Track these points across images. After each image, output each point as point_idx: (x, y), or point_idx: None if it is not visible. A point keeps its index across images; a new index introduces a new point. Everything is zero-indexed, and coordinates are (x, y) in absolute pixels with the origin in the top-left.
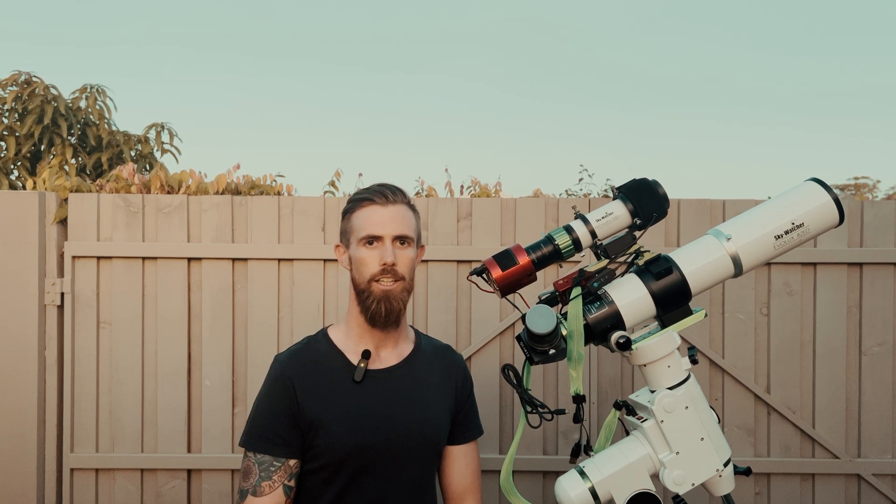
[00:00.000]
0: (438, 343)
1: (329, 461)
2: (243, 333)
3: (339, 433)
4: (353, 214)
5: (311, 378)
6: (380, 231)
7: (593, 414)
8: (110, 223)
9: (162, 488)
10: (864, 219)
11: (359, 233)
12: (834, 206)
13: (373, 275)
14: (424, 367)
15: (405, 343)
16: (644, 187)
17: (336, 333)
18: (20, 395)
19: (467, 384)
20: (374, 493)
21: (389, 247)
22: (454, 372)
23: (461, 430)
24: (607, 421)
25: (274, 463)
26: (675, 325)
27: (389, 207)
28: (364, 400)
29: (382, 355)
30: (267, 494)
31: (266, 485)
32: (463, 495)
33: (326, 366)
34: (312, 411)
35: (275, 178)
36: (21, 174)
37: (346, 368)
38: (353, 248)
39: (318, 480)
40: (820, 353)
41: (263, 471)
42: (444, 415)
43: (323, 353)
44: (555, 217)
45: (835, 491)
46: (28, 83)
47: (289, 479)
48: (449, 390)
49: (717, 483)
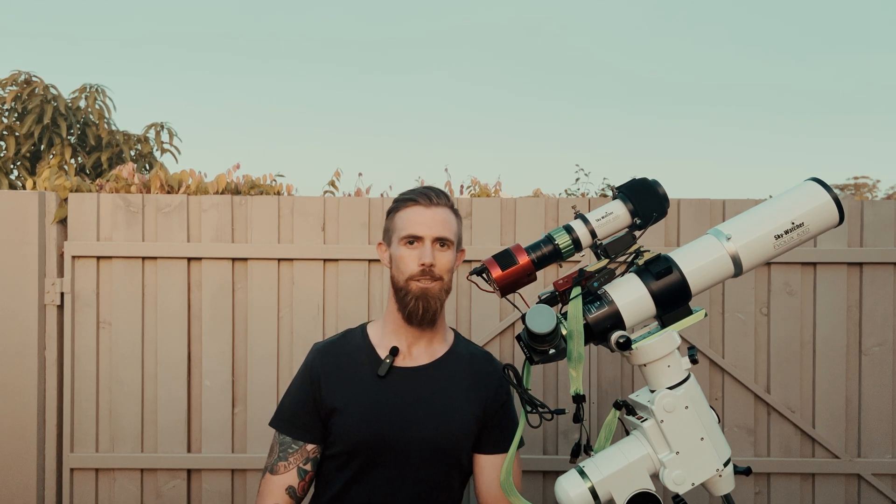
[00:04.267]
0: (477, 350)
1: (343, 448)
2: (243, 333)
3: (352, 421)
4: (397, 214)
5: (337, 368)
6: (421, 231)
7: (593, 414)
8: (110, 223)
9: (162, 488)
10: (864, 219)
11: (400, 232)
12: (834, 206)
13: (412, 274)
14: (455, 370)
15: (440, 344)
16: (644, 187)
17: (373, 329)
18: (20, 395)
19: (501, 394)
20: (383, 486)
21: (429, 248)
22: (487, 381)
23: (490, 440)
24: (607, 421)
25: (293, 445)
26: (675, 324)
27: (432, 209)
28: (383, 394)
29: (414, 353)
30: (281, 474)
31: (282, 465)
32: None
33: (355, 358)
34: (332, 399)
35: (275, 177)
36: (21, 174)
37: (373, 362)
38: (394, 246)
39: (333, 466)
40: (820, 353)
41: (282, 451)
42: (467, 421)
43: (355, 345)
44: (555, 217)
45: (835, 491)
46: (28, 83)
47: (304, 462)
48: (478, 398)
49: (717, 483)
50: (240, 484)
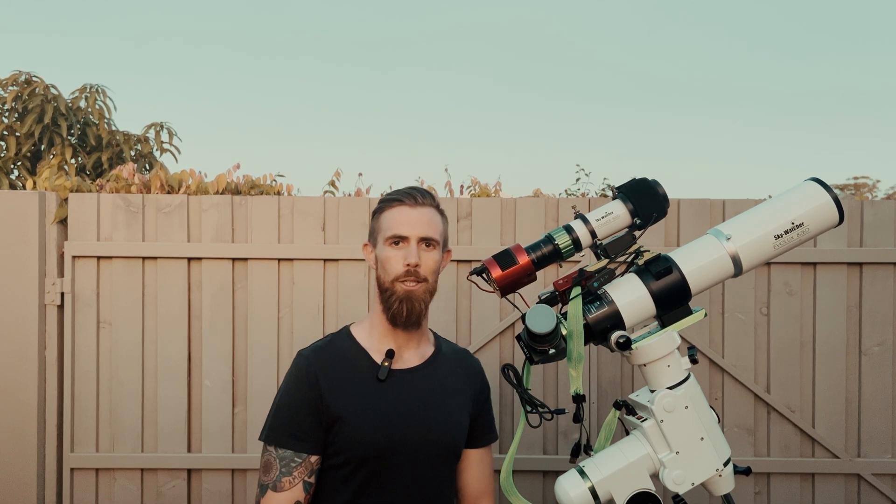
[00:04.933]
0: (457, 347)
1: (349, 458)
2: (243, 333)
3: (361, 430)
4: (382, 215)
5: (335, 373)
6: (406, 231)
7: (593, 414)
8: (110, 223)
9: (162, 488)
10: (863, 219)
11: (385, 232)
12: (834, 206)
13: (397, 275)
14: (445, 369)
15: (426, 345)
16: (644, 187)
17: (359, 331)
18: (20, 395)
19: (485, 389)
20: (393, 491)
21: (414, 248)
22: (473, 376)
23: (479, 434)
24: (607, 421)
25: (295, 458)
26: (674, 324)
27: (417, 209)
28: (388, 398)
29: (405, 355)
30: (287, 490)
31: (286, 480)
32: (479, 498)
33: (351, 362)
34: (336, 406)
35: (275, 177)
36: (21, 174)
37: (371, 366)
38: (379, 247)
39: (338, 476)
40: (820, 353)
41: (284, 466)
42: (463, 418)
43: (347, 349)
44: (555, 217)
45: (835, 491)
46: (28, 83)
47: (309, 475)
48: (468, 394)
49: (717, 482)
50: (240, 484)
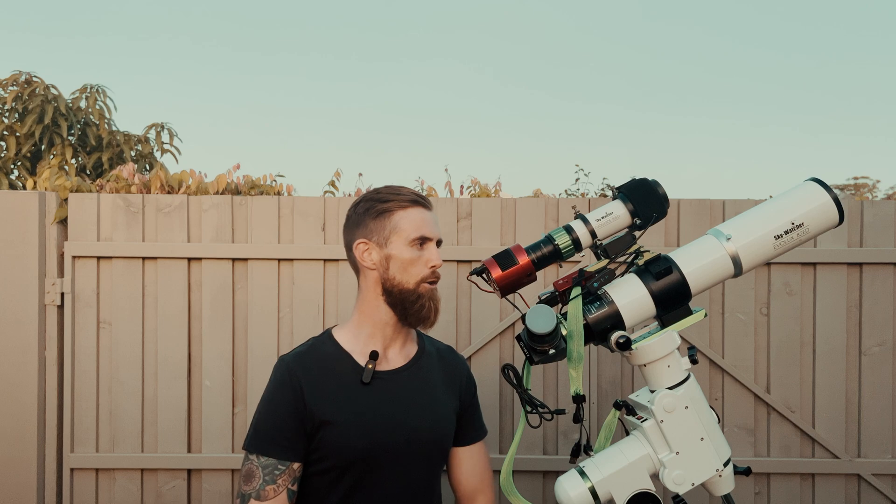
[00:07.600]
0: (441, 344)
1: (336, 463)
2: (243, 333)
3: (348, 435)
4: (395, 214)
5: (318, 379)
6: (431, 233)
7: (593, 414)
8: (110, 223)
9: (162, 488)
10: (863, 219)
11: (410, 233)
12: (834, 206)
13: (424, 277)
14: (430, 368)
15: (411, 344)
16: (644, 187)
17: (342, 335)
18: (20, 395)
19: (471, 386)
20: (381, 494)
21: (436, 249)
22: (458, 373)
23: (466, 431)
24: (607, 421)
25: (279, 466)
26: (674, 324)
27: (430, 212)
28: (373, 401)
29: (389, 356)
30: (272, 499)
31: (270, 489)
32: (473, 495)
33: (333, 367)
34: (321, 412)
35: (275, 178)
36: (21, 174)
37: (354, 370)
38: (395, 247)
39: (324, 482)
40: (820, 353)
41: (268, 474)
42: (450, 416)
43: (329, 354)
44: (555, 217)
45: (835, 491)
46: (28, 83)
47: (292, 483)
48: (454, 391)
49: (717, 483)
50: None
